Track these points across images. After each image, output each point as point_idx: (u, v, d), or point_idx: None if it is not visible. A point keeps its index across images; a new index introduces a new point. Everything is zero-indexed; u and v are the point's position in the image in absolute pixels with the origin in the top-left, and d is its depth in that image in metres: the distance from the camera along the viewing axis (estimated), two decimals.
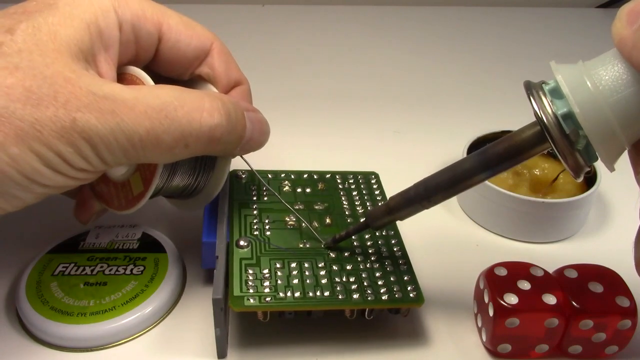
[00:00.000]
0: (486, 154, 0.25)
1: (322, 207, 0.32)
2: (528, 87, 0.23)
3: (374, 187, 0.34)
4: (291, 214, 0.31)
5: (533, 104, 0.22)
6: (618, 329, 0.27)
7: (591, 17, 0.70)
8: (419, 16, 0.68)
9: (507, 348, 0.28)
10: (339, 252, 0.29)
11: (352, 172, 0.35)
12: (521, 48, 0.62)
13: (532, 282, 0.27)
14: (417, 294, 0.28)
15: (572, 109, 0.22)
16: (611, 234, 0.37)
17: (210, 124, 0.26)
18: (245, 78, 0.32)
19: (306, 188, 0.33)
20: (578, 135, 0.22)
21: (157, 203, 0.37)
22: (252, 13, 0.67)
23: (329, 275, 0.28)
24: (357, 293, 0.27)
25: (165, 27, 0.29)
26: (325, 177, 0.35)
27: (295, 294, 0.27)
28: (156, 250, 0.32)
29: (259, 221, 0.31)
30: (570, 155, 0.22)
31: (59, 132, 0.22)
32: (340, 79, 0.54)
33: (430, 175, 0.26)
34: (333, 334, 0.29)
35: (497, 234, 0.37)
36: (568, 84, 0.22)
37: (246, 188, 0.33)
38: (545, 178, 0.37)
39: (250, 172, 0.34)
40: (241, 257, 0.28)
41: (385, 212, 0.28)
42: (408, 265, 0.29)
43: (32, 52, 0.22)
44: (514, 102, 0.51)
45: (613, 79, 0.21)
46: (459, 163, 0.26)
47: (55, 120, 0.22)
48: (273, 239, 0.30)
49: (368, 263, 0.29)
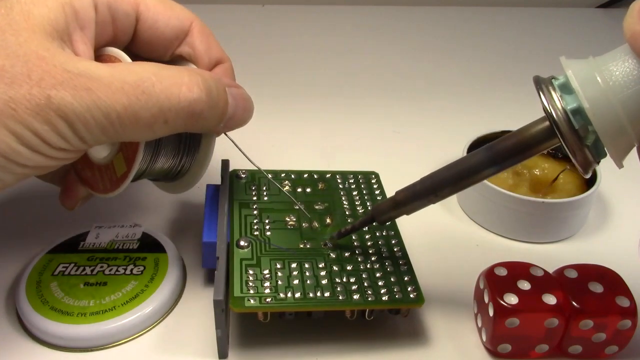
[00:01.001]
0: (494, 149, 0.25)
1: (323, 207, 0.32)
2: (537, 82, 0.23)
3: (374, 186, 0.34)
4: (291, 214, 0.31)
5: (542, 99, 0.22)
6: (618, 329, 0.27)
7: (591, 17, 0.70)
8: (419, 16, 0.68)
9: (507, 348, 0.28)
10: (339, 253, 0.29)
11: (352, 172, 0.35)
12: (521, 48, 0.62)
13: (532, 282, 0.27)
14: (418, 294, 0.28)
15: (581, 104, 0.21)
16: (611, 234, 0.37)
17: (190, 98, 0.25)
18: (227, 57, 0.32)
19: (306, 188, 0.33)
20: (587, 130, 0.22)
21: (157, 203, 0.37)
22: (252, 13, 0.67)
23: (329, 275, 0.28)
24: (358, 294, 0.27)
25: (142, 7, 0.29)
26: (326, 177, 0.35)
27: (295, 294, 0.27)
28: (156, 250, 0.32)
29: (259, 221, 0.31)
30: (579, 151, 0.22)
31: (34, 110, 0.22)
32: (340, 79, 0.54)
33: (437, 170, 0.26)
34: (333, 335, 0.29)
35: (497, 234, 0.37)
36: (578, 79, 0.22)
37: (246, 188, 0.33)
38: (545, 178, 0.37)
39: (250, 171, 0.34)
40: (241, 257, 0.28)
41: (392, 207, 0.28)
42: (408, 266, 0.29)
43: (5, 31, 0.22)
44: (515, 102, 0.51)
45: (624, 74, 0.21)
46: (467, 158, 0.26)
47: (30, 98, 0.22)
48: (273, 239, 0.30)
49: (368, 263, 0.29)
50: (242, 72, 0.44)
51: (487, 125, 0.40)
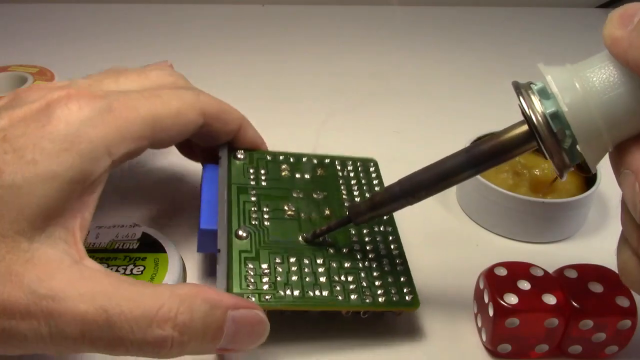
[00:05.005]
0: (472, 152, 0.25)
1: (322, 196, 0.32)
2: (517, 87, 0.23)
3: (373, 175, 0.34)
4: (290, 202, 0.31)
5: (522, 103, 0.23)
6: (618, 329, 0.27)
7: (591, 17, 0.70)
8: (420, 16, 0.68)
9: (507, 348, 0.28)
10: (337, 249, 0.29)
11: (350, 158, 0.35)
12: (521, 48, 0.62)
13: (532, 282, 0.27)
14: (413, 297, 0.28)
15: (560, 108, 0.22)
16: (611, 234, 0.37)
17: (157, 335, 0.22)
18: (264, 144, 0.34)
19: (305, 174, 0.33)
20: (565, 134, 0.22)
21: (157, 203, 0.37)
22: (252, 13, 0.67)
23: (327, 273, 0.28)
24: (355, 294, 0.27)
25: None
26: (325, 162, 0.34)
27: (294, 292, 0.27)
28: (156, 250, 0.32)
29: (257, 209, 0.30)
30: (557, 154, 0.23)
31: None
32: (340, 79, 0.54)
33: (416, 172, 0.26)
34: (332, 335, 0.29)
35: (497, 234, 0.37)
36: (557, 84, 0.22)
37: (244, 170, 0.32)
38: (545, 178, 0.37)
39: (249, 152, 0.33)
40: (241, 249, 0.28)
41: (369, 208, 0.28)
42: (405, 266, 0.29)
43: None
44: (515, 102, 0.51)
45: (602, 80, 0.22)
46: (445, 160, 0.26)
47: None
48: (272, 230, 0.29)
49: (366, 262, 0.29)
50: (242, 72, 0.45)
51: (487, 126, 0.39)
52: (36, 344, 0.22)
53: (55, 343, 0.22)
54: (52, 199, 0.23)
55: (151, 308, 0.22)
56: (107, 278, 0.23)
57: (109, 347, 0.22)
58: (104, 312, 0.22)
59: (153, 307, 0.22)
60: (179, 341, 0.23)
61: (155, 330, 0.22)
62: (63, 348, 0.22)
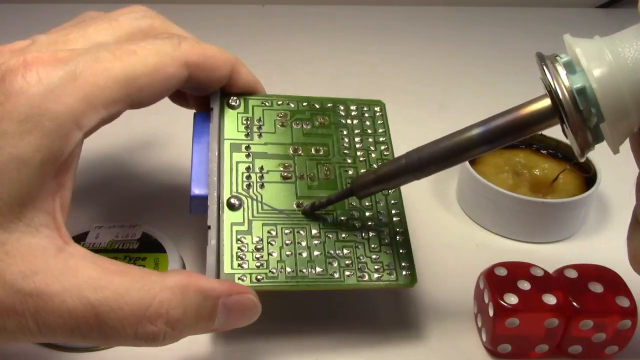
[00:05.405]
0: (489, 127, 0.24)
1: (321, 152, 0.30)
2: (542, 58, 0.22)
3: (379, 122, 0.32)
4: (286, 161, 0.29)
5: (548, 76, 0.21)
6: (618, 329, 0.27)
7: (591, 17, 0.70)
8: (419, 16, 0.68)
9: (507, 348, 0.28)
10: (334, 217, 0.28)
11: (355, 100, 0.32)
12: (521, 48, 0.62)
13: (532, 282, 0.27)
14: (410, 273, 0.27)
15: (589, 83, 0.21)
16: (611, 234, 0.37)
17: (148, 331, 0.22)
18: (261, 86, 0.31)
19: (304, 123, 0.31)
20: (590, 112, 0.21)
21: (157, 203, 0.37)
22: (252, 13, 0.66)
23: (322, 246, 0.27)
24: (351, 270, 0.26)
25: None
26: (327, 106, 0.32)
27: (287, 269, 0.26)
28: (156, 250, 0.32)
29: (251, 171, 0.28)
30: (581, 132, 0.21)
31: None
32: (340, 79, 0.54)
33: (425, 145, 0.25)
34: (332, 333, 0.29)
35: (497, 234, 0.37)
36: (587, 58, 0.21)
37: (238, 122, 0.30)
38: (545, 178, 0.37)
39: (243, 98, 0.30)
40: (232, 221, 0.26)
41: (374, 182, 0.26)
42: (405, 240, 0.28)
43: None
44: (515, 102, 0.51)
45: (635, 57, 0.20)
46: (457, 133, 0.24)
47: None
48: (266, 197, 0.28)
49: (364, 232, 0.28)
50: None
51: None
52: (26, 338, 0.21)
53: (46, 337, 0.22)
54: (25, 185, 0.21)
55: (141, 305, 0.22)
56: (94, 267, 0.22)
57: (100, 340, 0.22)
58: (92, 309, 0.21)
59: (143, 303, 0.22)
60: (171, 334, 0.23)
61: (147, 327, 0.22)
62: (55, 341, 0.22)
